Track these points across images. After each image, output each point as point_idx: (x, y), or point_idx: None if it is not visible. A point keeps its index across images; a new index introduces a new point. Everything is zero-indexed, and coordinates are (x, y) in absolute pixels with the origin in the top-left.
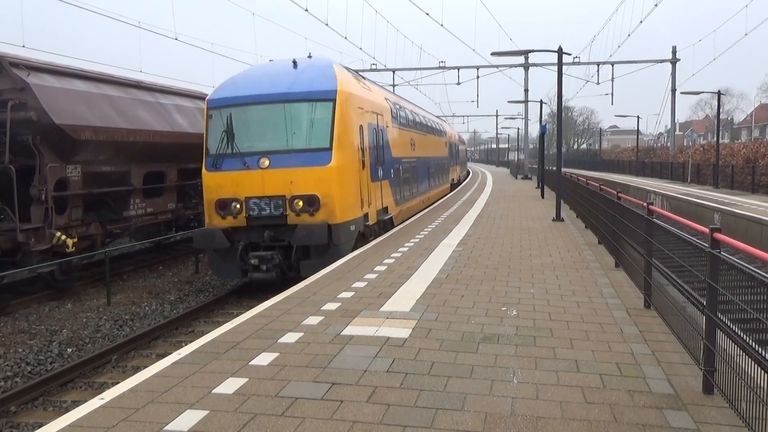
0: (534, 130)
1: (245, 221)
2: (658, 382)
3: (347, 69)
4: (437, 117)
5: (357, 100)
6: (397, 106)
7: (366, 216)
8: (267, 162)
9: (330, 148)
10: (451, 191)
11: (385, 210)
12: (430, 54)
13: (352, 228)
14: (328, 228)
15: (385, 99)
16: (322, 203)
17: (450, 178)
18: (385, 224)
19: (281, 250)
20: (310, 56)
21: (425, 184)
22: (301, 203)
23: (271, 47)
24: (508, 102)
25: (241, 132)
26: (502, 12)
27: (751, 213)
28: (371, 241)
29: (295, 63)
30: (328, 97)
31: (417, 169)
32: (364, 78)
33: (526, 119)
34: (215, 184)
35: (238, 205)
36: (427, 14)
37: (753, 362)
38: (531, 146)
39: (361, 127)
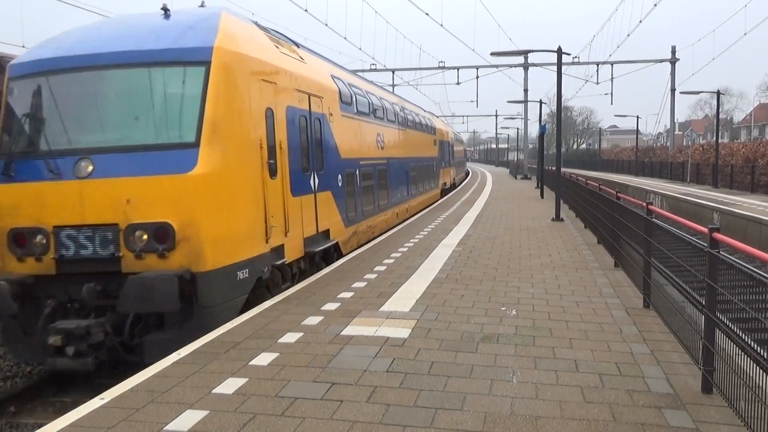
0: (533, 130)
1: (54, 266)
2: (657, 382)
3: (260, 26)
4: (427, 111)
5: (262, 68)
6: (354, 89)
7: (278, 251)
8: (90, 167)
9: (196, 144)
10: (442, 197)
11: (325, 235)
12: (429, 54)
13: (243, 275)
14: (190, 280)
15: (332, 77)
16: (180, 237)
17: (440, 183)
18: (326, 255)
19: (115, 315)
20: (203, 5)
21: (401, 192)
22: (145, 237)
23: None
24: (508, 102)
25: (51, 117)
26: (502, 12)
27: (751, 212)
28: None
29: (166, 11)
30: (198, 59)
31: (387, 174)
32: (296, 44)
33: (526, 119)
34: (7, 203)
35: (42, 240)
36: (427, 14)
37: (752, 362)
38: (530, 146)
39: (270, 111)
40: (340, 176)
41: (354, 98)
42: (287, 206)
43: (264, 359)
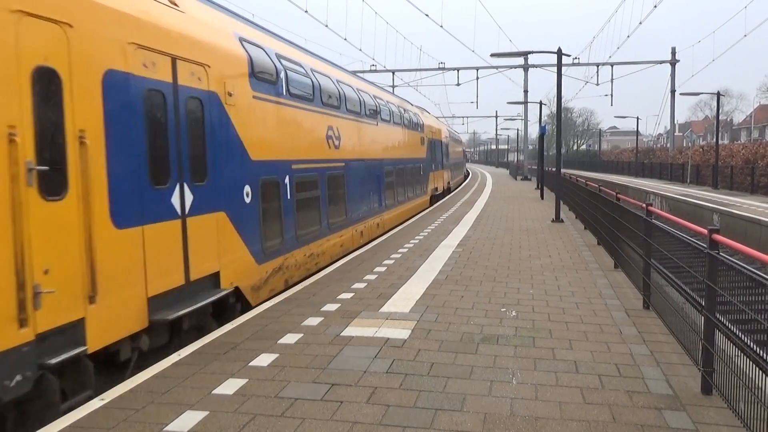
0: (533, 131)
1: None
2: (656, 383)
3: None
4: (415, 105)
5: None
6: (286, 63)
7: (65, 334)
8: None
9: None
10: (432, 204)
11: (210, 282)
12: (429, 55)
13: None
14: None
15: (241, 40)
16: None
17: (430, 189)
18: (219, 310)
19: None
20: None
21: (367, 204)
22: None
23: None
24: (508, 103)
25: None
26: (502, 13)
27: (750, 214)
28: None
29: None
30: None
31: (344, 182)
32: None
33: (526, 120)
34: None
35: None
36: (427, 15)
37: (751, 363)
38: (530, 147)
39: (47, 73)
40: (248, 187)
41: (283, 75)
42: (97, 246)
43: (264, 360)
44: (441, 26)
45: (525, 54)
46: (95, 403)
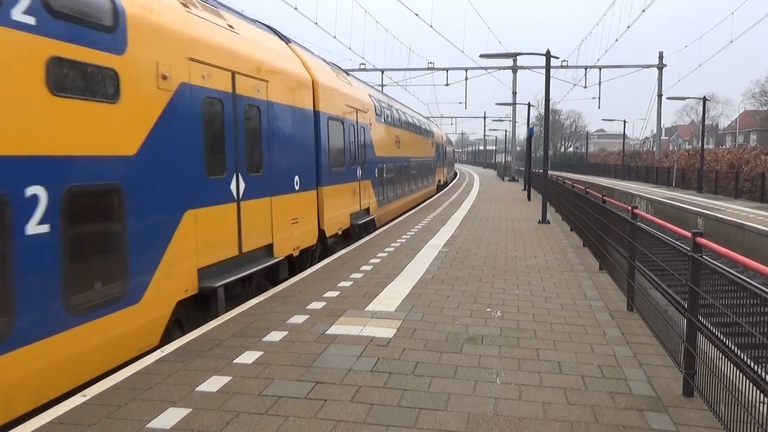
0: (521, 133)
1: None
2: (639, 384)
3: None
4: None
5: None
6: None
7: None
8: None
9: None
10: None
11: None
12: (419, 55)
13: None
14: None
15: None
16: None
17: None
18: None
19: None
20: None
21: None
22: None
23: None
24: (496, 104)
25: None
26: (492, 14)
27: (734, 218)
28: None
29: None
30: None
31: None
32: None
33: (514, 121)
34: None
35: None
36: (417, 15)
37: (732, 365)
38: (518, 149)
39: None
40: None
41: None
42: None
43: (248, 357)
44: (431, 26)
45: (514, 56)
46: (76, 399)
